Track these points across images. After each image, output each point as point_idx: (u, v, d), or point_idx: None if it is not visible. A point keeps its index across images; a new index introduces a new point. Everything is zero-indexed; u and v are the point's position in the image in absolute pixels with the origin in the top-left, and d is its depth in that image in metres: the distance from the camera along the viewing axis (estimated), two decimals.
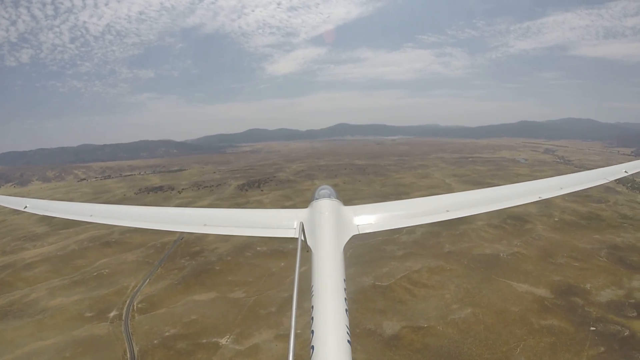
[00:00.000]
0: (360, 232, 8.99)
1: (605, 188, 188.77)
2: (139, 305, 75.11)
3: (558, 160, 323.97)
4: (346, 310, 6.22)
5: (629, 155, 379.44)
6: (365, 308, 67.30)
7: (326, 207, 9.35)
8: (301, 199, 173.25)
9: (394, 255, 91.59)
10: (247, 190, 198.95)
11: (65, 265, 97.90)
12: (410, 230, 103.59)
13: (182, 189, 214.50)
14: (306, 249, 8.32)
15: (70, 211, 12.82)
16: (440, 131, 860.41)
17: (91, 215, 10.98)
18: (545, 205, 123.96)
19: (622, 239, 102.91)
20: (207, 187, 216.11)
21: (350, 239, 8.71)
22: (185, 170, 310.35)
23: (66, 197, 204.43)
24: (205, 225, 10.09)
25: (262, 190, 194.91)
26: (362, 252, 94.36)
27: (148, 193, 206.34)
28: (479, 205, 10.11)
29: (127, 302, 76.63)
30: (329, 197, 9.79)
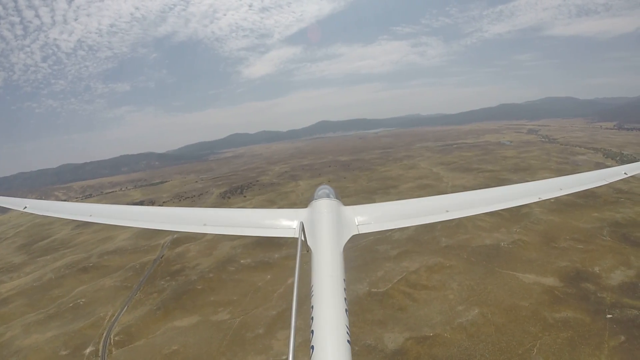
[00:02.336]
0: (360, 232, 9.10)
1: (595, 164, 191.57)
2: (116, 338, 69.59)
3: (543, 139, 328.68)
4: (346, 310, 6.28)
5: (612, 129, 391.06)
6: (362, 320, 62.52)
7: (326, 206, 9.49)
8: (286, 202, 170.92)
9: (388, 256, 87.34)
10: (229, 197, 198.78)
11: (41, 297, 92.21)
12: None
13: (163, 202, 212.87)
14: (306, 249, 8.37)
15: (70, 211, 13.00)
16: (422, 120, 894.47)
17: (90, 215, 11.21)
18: None
19: (622, 214, 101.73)
20: (188, 197, 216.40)
21: (350, 238, 8.73)
22: (166, 182, 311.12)
23: (46, 220, 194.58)
24: (205, 225, 10.17)
25: (244, 196, 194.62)
26: (353, 255, 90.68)
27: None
28: (479, 205, 10.20)
29: (104, 334, 71.05)
30: (329, 197, 9.97)
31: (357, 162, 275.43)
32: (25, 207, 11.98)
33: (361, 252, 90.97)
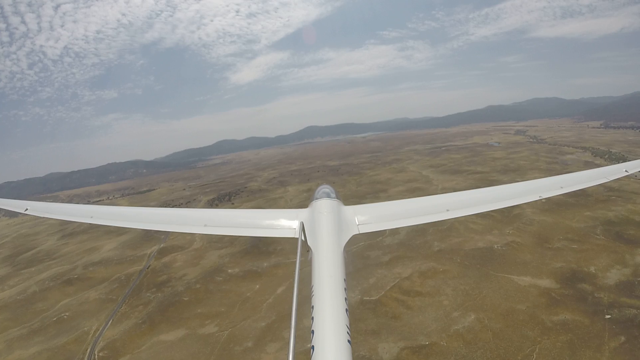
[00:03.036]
0: (361, 232, 9.19)
1: (584, 162, 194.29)
2: (101, 354, 67.38)
3: (531, 140, 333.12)
4: (346, 310, 6.37)
5: (599, 127, 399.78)
6: (355, 330, 60.49)
7: (326, 206, 9.54)
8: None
9: (379, 262, 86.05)
10: (217, 204, 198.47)
11: (25, 311, 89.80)
12: (394, 230, 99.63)
13: None
14: (306, 249, 8.56)
15: (71, 213, 12.89)
16: (409, 124, 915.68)
17: (91, 217, 11.45)
18: None
19: (614, 212, 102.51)
20: (176, 205, 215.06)
21: (350, 238, 8.85)
22: (154, 190, 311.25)
23: (32, 231, 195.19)
24: (205, 225, 10.20)
25: (232, 203, 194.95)
26: None
27: None
28: (480, 204, 10.35)
29: (88, 350, 68.73)
30: (329, 197, 10.01)
31: (346, 166, 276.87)
32: (27, 209, 12.11)
33: (352, 259, 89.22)
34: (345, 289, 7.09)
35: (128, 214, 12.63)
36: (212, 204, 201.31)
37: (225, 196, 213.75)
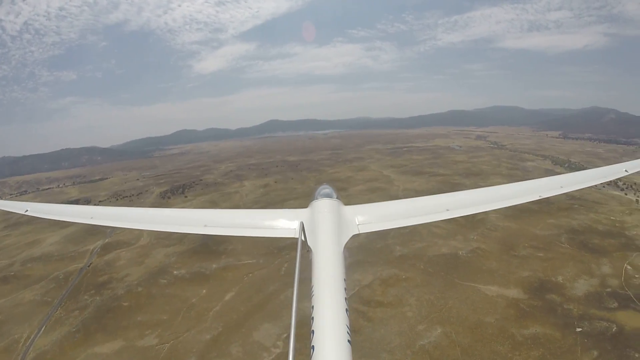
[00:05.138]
0: (361, 232, 9.42)
1: (545, 170, 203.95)
2: None
3: (492, 145, 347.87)
4: (346, 310, 6.56)
5: (558, 137, 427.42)
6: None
7: (326, 206, 9.90)
8: (228, 204, 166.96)
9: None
10: (169, 197, 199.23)
11: None
12: None
13: (100, 201, 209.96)
14: (306, 249, 8.71)
15: (71, 214, 12.85)
16: (372, 123, 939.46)
17: (92, 218, 11.81)
18: None
19: (577, 221, 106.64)
20: (127, 197, 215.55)
21: (350, 238, 9.05)
22: (107, 179, 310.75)
23: None
24: (205, 226, 10.57)
25: (185, 197, 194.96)
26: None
27: None
28: (479, 204, 10.77)
29: None
30: (329, 197, 10.39)
31: (306, 162, 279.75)
32: (27, 211, 12.87)
33: (307, 264, 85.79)
34: (345, 288, 7.17)
35: (128, 215, 12.96)
36: (165, 196, 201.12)
37: (179, 188, 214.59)
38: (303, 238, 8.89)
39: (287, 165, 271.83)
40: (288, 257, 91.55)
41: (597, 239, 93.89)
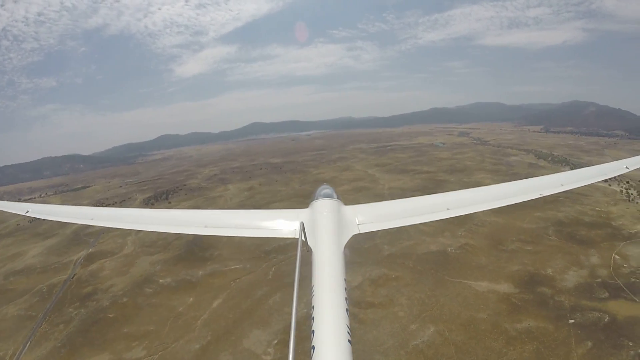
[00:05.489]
0: (361, 232, 9.45)
1: (528, 164, 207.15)
2: None
3: (475, 141, 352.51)
4: (347, 310, 6.63)
5: (540, 131, 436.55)
6: (300, 352, 54.90)
7: (326, 206, 10.02)
8: (213, 209, 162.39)
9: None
10: (153, 203, 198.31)
11: None
12: None
13: None
14: (306, 249, 8.79)
15: (72, 215, 12.89)
16: (355, 123, 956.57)
17: (92, 219, 11.97)
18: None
19: (564, 213, 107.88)
20: (109, 204, 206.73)
21: (351, 238, 9.11)
22: (89, 187, 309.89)
23: None
24: (206, 226, 10.73)
25: (169, 202, 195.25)
26: (285, 269, 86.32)
27: (43, 220, 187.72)
28: (480, 203, 10.90)
29: None
30: (330, 197, 10.53)
31: (290, 164, 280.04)
32: (28, 212, 12.90)
33: (295, 266, 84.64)
34: (345, 288, 7.20)
35: (129, 216, 13.38)
36: (148, 202, 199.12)
37: (163, 194, 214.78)
38: (303, 238, 9.01)
39: (271, 167, 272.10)
40: (275, 261, 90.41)
41: (584, 230, 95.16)
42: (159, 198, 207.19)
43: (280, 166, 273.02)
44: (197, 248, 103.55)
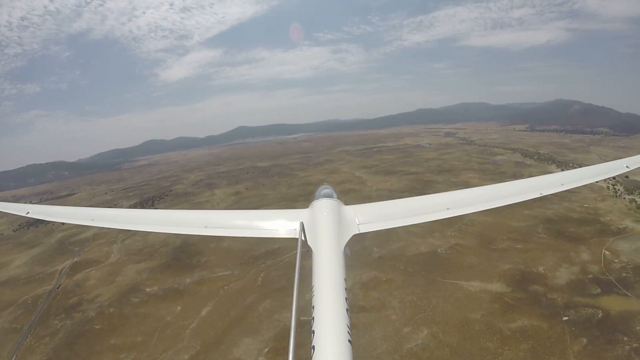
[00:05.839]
0: (361, 232, 9.53)
1: (515, 163, 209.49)
2: None
3: (461, 141, 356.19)
4: (347, 310, 6.66)
5: (525, 130, 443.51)
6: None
7: (326, 206, 10.12)
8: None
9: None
10: (123, 209, 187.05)
11: None
12: None
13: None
14: (306, 249, 8.82)
15: (72, 216, 13.29)
16: (341, 125, 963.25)
17: (93, 220, 12.28)
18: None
19: (552, 210, 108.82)
20: None
21: (351, 238, 9.16)
22: (74, 194, 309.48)
23: None
24: (206, 227, 10.79)
25: (156, 209, 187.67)
26: (274, 275, 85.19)
27: (28, 228, 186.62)
28: (480, 202, 10.96)
29: None
30: (330, 197, 10.67)
31: (277, 167, 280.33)
32: (28, 212, 13.13)
33: (284, 271, 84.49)
34: (345, 288, 7.29)
35: (129, 217, 13.42)
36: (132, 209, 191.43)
37: (149, 200, 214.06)
38: (303, 238, 9.06)
39: (258, 171, 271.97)
40: (264, 267, 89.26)
41: (573, 227, 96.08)
42: (145, 204, 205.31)
43: (267, 169, 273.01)
44: (184, 255, 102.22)
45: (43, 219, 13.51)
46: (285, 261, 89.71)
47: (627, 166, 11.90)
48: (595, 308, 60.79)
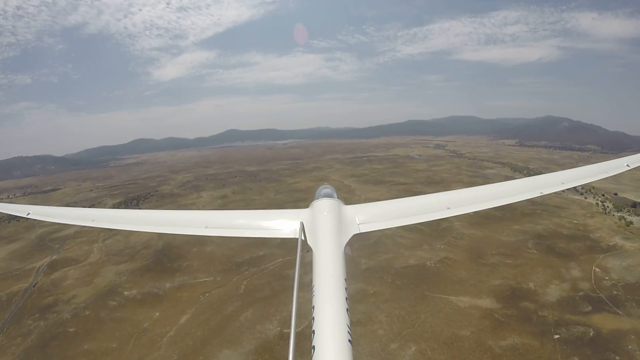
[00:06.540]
0: (362, 231, 9.54)
1: (505, 177, 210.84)
2: None
3: (451, 154, 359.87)
4: (347, 309, 6.65)
5: (515, 145, 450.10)
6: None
7: (326, 206, 10.15)
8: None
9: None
10: (123, 209, 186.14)
11: None
12: None
13: None
14: (306, 249, 8.87)
15: (73, 216, 13.75)
16: (331, 133, 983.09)
17: (93, 220, 12.50)
18: None
19: (542, 226, 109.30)
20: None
21: (351, 238, 9.16)
22: (59, 189, 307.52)
23: None
24: (206, 227, 10.87)
25: (140, 209, 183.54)
26: (258, 283, 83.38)
27: (9, 222, 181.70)
28: (480, 202, 10.93)
29: None
30: (330, 197, 10.69)
31: (265, 172, 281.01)
32: (29, 214, 13.09)
33: (268, 280, 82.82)
34: (346, 288, 7.25)
35: (129, 217, 13.17)
36: (118, 208, 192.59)
37: (133, 200, 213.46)
38: (303, 238, 9.11)
39: (246, 175, 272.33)
40: (247, 274, 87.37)
41: (563, 243, 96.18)
42: (130, 204, 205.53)
43: (255, 174, 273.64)
44: (166, 258, 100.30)
45: (44, 220, 13.21)
46: (269, 269, 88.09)
47: (627, 165, 12.03)
48: (587, 326, 60.25)
